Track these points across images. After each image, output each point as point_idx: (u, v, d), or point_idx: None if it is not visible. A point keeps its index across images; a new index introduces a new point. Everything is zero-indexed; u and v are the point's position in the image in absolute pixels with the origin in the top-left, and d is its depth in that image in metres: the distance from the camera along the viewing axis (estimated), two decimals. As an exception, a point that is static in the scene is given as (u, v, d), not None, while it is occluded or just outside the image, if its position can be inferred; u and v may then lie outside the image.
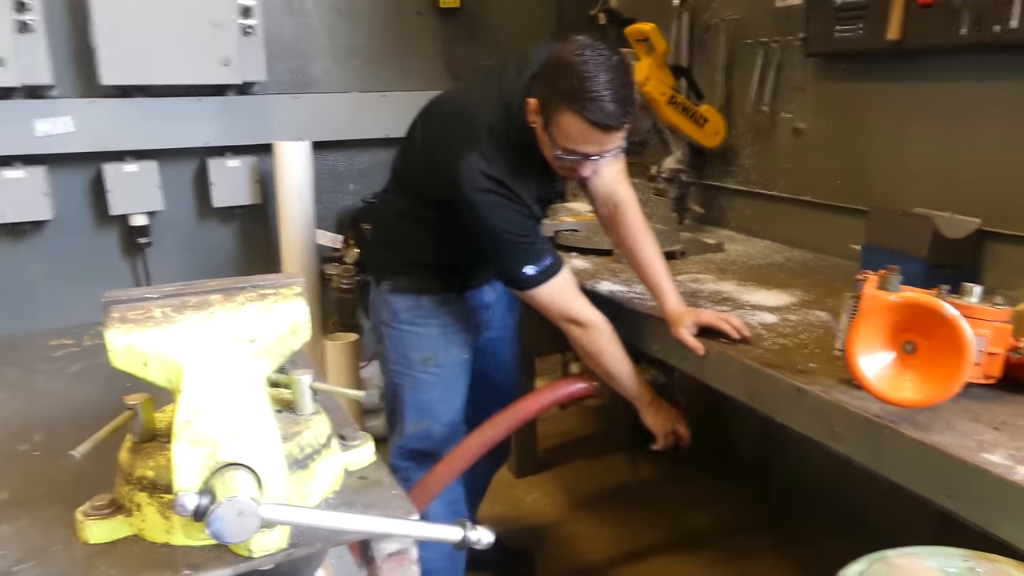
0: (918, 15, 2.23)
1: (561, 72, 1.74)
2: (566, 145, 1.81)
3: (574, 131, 1.76)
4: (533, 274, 1.93)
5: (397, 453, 2.28)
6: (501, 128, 1.91)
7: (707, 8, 3.20)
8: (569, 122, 1.76)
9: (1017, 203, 2.17)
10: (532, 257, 1.93)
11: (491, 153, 1.88)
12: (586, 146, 1.80)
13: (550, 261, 1.96)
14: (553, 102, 1.77)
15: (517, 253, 1.93)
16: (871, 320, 1.42)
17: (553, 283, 1.96)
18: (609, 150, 1.84)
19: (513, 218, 1.91)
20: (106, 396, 1.53)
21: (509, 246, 1.92)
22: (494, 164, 1.88)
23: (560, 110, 1.76)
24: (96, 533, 1.05)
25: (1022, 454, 1.29)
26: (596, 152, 1.83)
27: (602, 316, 2.03)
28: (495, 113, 1.93)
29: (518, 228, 1.92)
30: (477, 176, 1.86)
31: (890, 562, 1.18)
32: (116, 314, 1.03)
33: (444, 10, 3.69)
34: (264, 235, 3.63)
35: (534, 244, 1.95)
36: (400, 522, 1.08)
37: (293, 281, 1.13)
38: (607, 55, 1.74)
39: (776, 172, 2.99)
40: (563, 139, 1.80)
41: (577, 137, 1.78)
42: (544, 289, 1.96)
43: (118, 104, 3.14)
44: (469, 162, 1.86)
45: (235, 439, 1.00)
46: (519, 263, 1.93)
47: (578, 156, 1.84)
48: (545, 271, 1.95)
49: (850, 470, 1.59)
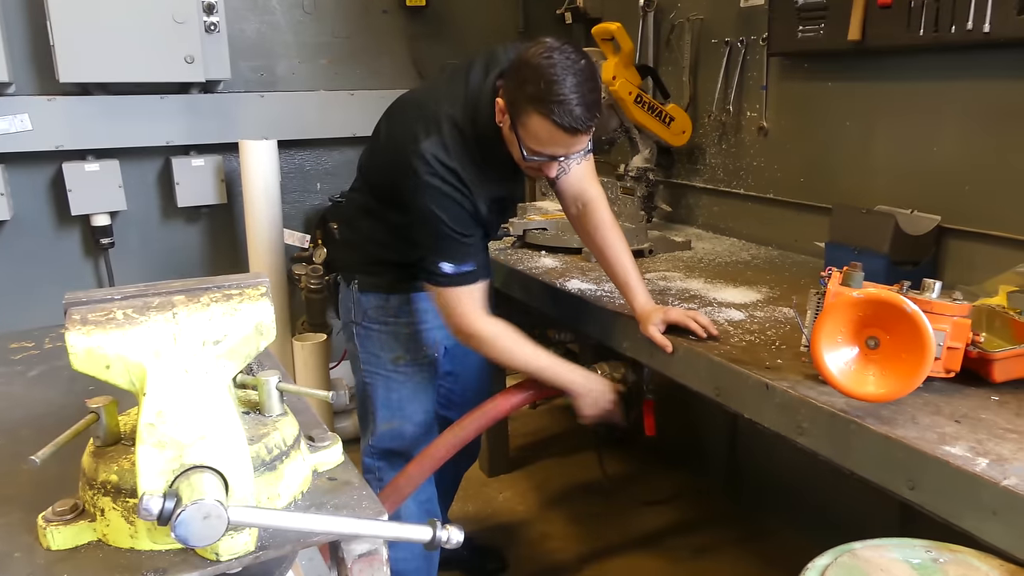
0: (878, 16, 2.27)
1: (528, 75, 1.74)
2: (533, 147, 1.81)
3: (542, 133, 1.77)
4: (449, 272, 1.92)
5: (369, 452, 2.28)
6: (465, 123, 1.91)
7: (672, 8, 3.23)
8: (537, 125, 1.76)
9: (974, 200, 2.22)
10: (456, 256, 1.92)
11: (451, 143, 1.88)
12: (553, 148, 1.81)
13: (471, 268, 1.94)
14: (520, 104, 1.77)
15: (443, 246, 1.91)
16: (835, 316, 1.44)
17: (462, 290, 1.95)
18: (576, 151, 1.86)
19: (455, 211, 1.89)
20: (67, 400, 1.51)
21: (439, 236, 1.91)
22: (452, 154, 1.88)
23: (528, 112, 1.76)
24: (58, 539, 1.03)
25: (982, 446, 1.32)
26: (563, 153, 1.84)
27: (495, 324, 2.01)
28: (459, 108, 1.93)
29: (456, 222, 1.90)
30: (432, 161, 1.86)
31: (856, 554, 1.20)
32: (77, 316, 1.01)
33: (411, 8, 3.68)
34: (230, 235, 3.59)
35: (464, 244, 1.93)
36: (370, 523, 1.08)
37: (258, 281, 1.12)
38: (574, 58, 1.74)
39: (742, 170, 3.03)
40: (530, 141, 1.81)
41: (544, 139, 1.78)
42: (451, 292, 1.95)
43: (77, 102, 3.09)
44: (427, 147, 1.87)
45: (201, 441, 0.98)
46: (441, 256, 1.92)
47: (544, 157, 1.84)
48: (461, 275, 1.93)
49: (815, 464, 1.62)
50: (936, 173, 2.31)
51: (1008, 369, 1.55)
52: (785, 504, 2.98)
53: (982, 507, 1.22)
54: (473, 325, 1.98)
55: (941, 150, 2.29)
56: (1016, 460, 1.27)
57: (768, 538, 2.94)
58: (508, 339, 2.02)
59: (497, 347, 2.01)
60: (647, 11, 3.27)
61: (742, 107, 2.97)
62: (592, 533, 3.03)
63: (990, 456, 1.28)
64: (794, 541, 2.88)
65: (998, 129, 2.14)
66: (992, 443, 1.33)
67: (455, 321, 1.99)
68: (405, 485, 2.10)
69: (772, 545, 2.90)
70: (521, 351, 2.04)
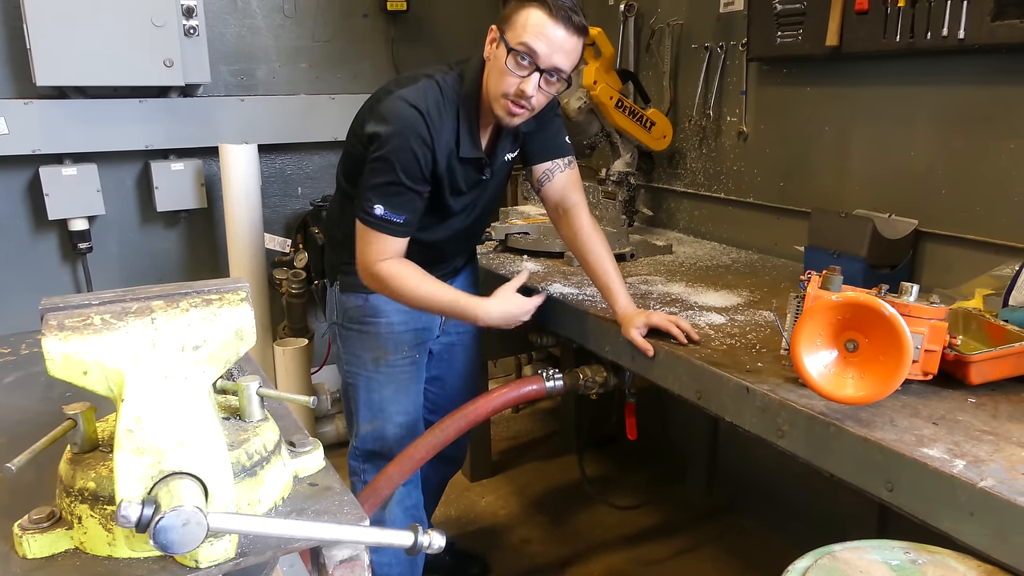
0: (855, 22, 2.30)
1: None
2: (521, 39, 1.82)
3: (532, 20, 1.81)
4: (378, 215, 1.90)
5: (353, 454, 2.27)
6: (446, 82, 1.94)
7: (653, 13, 3.25)
8: (527, 14, 1.81)
9: (950, 204, 2.25)
10: (390, 203, 1.90)
11: (424, 91, 1.90)
12: (538, 40, 1.81)
13: (399, 220, 1.91)
14: (511, 6, 1.84)
15: (383, 189, 1.89)
16: (814, 320, 1.45)
17: (383, 236, 1.92)
18: (557, 63, 1.84)
19: (407, 157, 1.87)
20: (44, 406, 1.49)
21: (383, 176, 1.88)
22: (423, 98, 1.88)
23: (518, 7, 1.83)
24: (35, 547, 1.02)
25: (959, 448, 1.34)
26: (546, 53, 1.82)
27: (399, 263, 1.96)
28: (443, 71, 1.96)
29: (405, 171, 1.88)
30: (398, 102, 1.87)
31: (836, 556, 1.21)
32: (54, 321, 1.00)
33: (391, 13, 3.67)
34: (211, 240, 3.57)
35: (404, 195, 1.91)
36: (351, 528, 1.07)
37: (238, 286, 1.11)
38: None
39: (722, 175, 3.05)
40: (519, 31, 1.82)
41: (533, 28, 1.81)
42: (372, 234, 1.92)
43: (55, 105, 3.05)
44: (397, 94, 1.89)
45: (180, 447, 0.98)
46: (376, 196, 1.89)
47: (527, 53, 1.82)
48: (388, 223, 1.91)
49: (795, 466, 1.63)
50: (913, 177, 2.34)
51: (984, 371, 1.57)
52: (765, 506, 3.00)
53: (959, 508, 1.24)
54: (377, 265, 1.95)
55: (918, 155, 2.32)
56: (993, 462, 1.29)
57: (748, 540, 2.96)
58: (410, 275, 1.96)
59: (399, 283, 1.95)
60: (627, 16, 3.29)
61: (722, 112, 2.99)
62: (573, 536, 3.03)
63: (967, 458, 1.30)
64: (774, 543, 2.90)
65: (973, 134, 2.17)
66: (969, 445, 1.35)
67: (364, 259, 1.96)
68: (385, 486, 2.09)
69: (752, 547, 2.92)
70: (424, 286, 1.97)
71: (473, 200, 2.12)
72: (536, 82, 1.86)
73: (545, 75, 1.85)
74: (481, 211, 2.20)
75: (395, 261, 1.96)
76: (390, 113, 1.88)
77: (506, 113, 1.92)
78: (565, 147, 2.18)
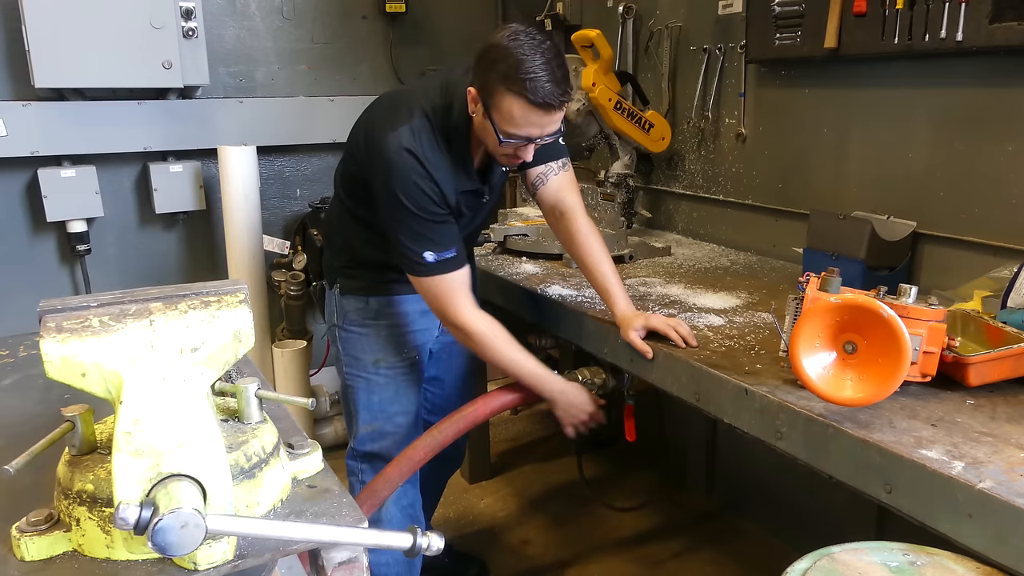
0: (853, 24, 2.30)
1: (497, 55, 1.75)
2: (508, 129, 1.81)
3: (516, 113, 1.77)
4: (431, 261, 1.91)
5: (352, 455, 2.28)
6: (437, 115, 1.92)
7: (651, 15, 3.25)
8: (510, 104, 1.77)
9: (948, 206, 2.25)
10: (435, 242, 1.91)
11: (418, 131, 1.89)
12: (528, 128, 1.81)
13: (452, 255, 1.93)
14: (492, 86, 1.78)
15: (421, 232, 1.90)
16: (813, 321, 1.46)
17: (447, 278, 1.94)
18: (550, 132, 1.85)
19: (420, 197, 1.88)
20: (42, 408, 1.49)
21: (415, 223, 1.89)
22: (419, 141, 1.88)
23: (500, 93, 1.77)
24: (33, 550, 1.02)
25: (958, 450, 1.34)
26: (537, 134, 1.83)
27: (488, 323, 2.01)
28: (433, 100, 1.93)
29: (425, 208, 1.89)
30: (397, 148, 1.86)
31: (835, 558, 1.21)
32: (52, 323, 1.00)
33: (390, 14, 3.67)
34: (209, 241, 3.57)
35: (440, 227, 1.92)
36: (350, 530, 1.07)
37: (237, 288, 1.11)
38: (540, 38, 1.77)
39: (720, 176, 3.05)
40: (504, 123, 1.81)
41: (519, 119, 1.79)
42: (437, 281, 1.94)
43: (53, 107, 3.05)
44: (394, 135, 1.87)
45: (178, 449, 0.97)
46: (420, 244, 1.90)
47: (520, 140, 1.84)
48: (443, 262, 1.92)
49: (794, 468, 1.63)
50: (911, 179, 2.34)
51: (983, 373, 1.57)
52: (764, 508, 3.00)
53: (958, 510, 1.24)
54: (464, 318, 1.97)
55: (916, 157, 2.32)
56: (991, 463, 1.29)
57: (747, 541, 2.96)
58: (499, 339, 2.01)
59: (488, 345, 2.00)
60: (626, 18, 3.29)
61: (720, 114, 3.00)
62: (572, 538, 3.03)
63: (966, 459, 1.30)
64: (772, 544, 2.90)
65: (971, 136, 2.17)
66: (968, 446, 1.35)
67: (445, 312, 1.98)
68: (383, 487, 2.09)
69: (751, 548, 2.91)
70: (510, 353, 2.04)
71: (472, 215, 2.15)
72: (531, 151, 1.90)
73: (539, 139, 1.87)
74: (480, 220, 2.24)
75: (483, 319, 1.99)
76: (392, 166, 1.87)
77: (507, 163, 1.98)
78: (559, 149, 2.18)
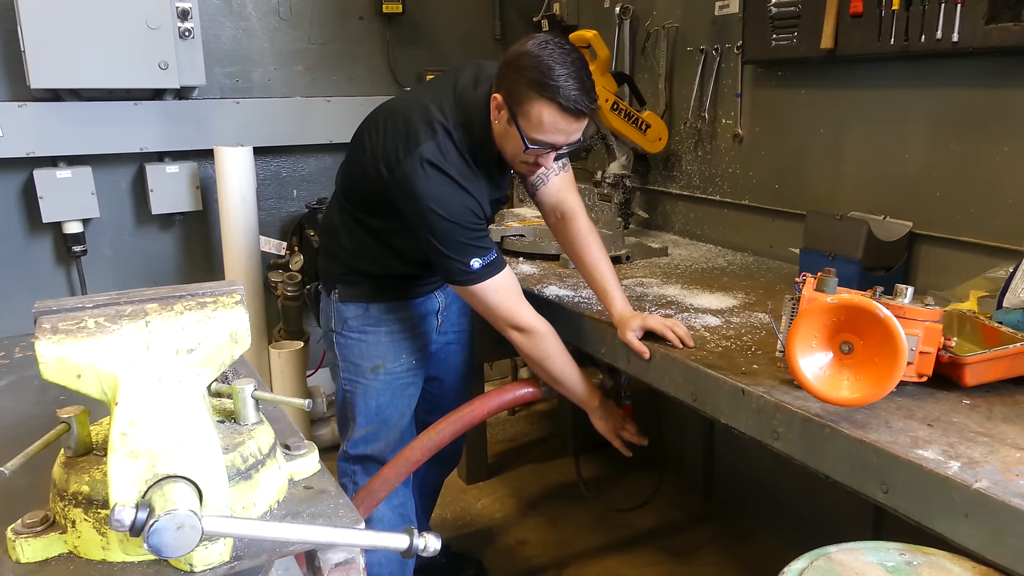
0: (850, 25, 2.30)
1: (527, 63, 1.78)
2: (535, 136, 1.83)
3: (546, 119, 1.79)
4: (479, 268, 1.92)
5: (344, 456, 2.27)
6: (457, 130, 1.92)
7: (648, 16, 3.25)
8: (540, 110, 1.79)
9: (944, 207, 2.25)
10: (479, 250, 1.92)
11: (445, 148, 1.89)
12: (555, 135, 1.83)
13: (495, 256, 1.95)
14: (522, 92, 1.80)
15: (463, 242, 1.90)
16: (809, 322, 1.46)
17: (497, 280, 1.95)
18: (573, 141, 1.88)
19: (461, 211, 1.88)
20: (37, 410, 1.48)
21: (459, 235, 1.89)
22: (448, 159, 1.88)
23: (529, 99, 1.79)
24: (28, 552, 1.01)
25: (954, 450, 1.34)
26: (563, 141, 1.86)
27: (545, 322, 2.03)
28: (450, 115, 1.93)
29: (467, 219, 1.89)
30: (431, 167, 1.86)
31: (832, 558, 1.21)
32: (47, 324, 0.99)
33: (387, 15, 3.67)
34: (206, 242, 3.56)
35: (481, 235, 1.94)
36: (346, 531, 1.07)
37: (233, 289, 1.11)
38: (568, 48, 1.81)
39: (717, 177, 3.05)
40: (533, 130, 1.82)
41: (548, 125, 1.80)
42: (488, 285, 1.94)
43: (49, 108, 3.05)
44: (422, 153, 1.86)
45: (174, 451, 0.97)
46: (465, 254, 1.91)
47: (546, 147, 1.86)
48: (490, 264, 1.93)
49: (790, 468, 1.63)
50: (907, 180, 2.34)
51: (979, 373, 1.57)
52: (760, 508, 3.00)
53: (954, 510, 1.24)
54: (527, 318, 2.00)
55: (912, 157, 2.33)
56: (987, 463, 1.29)
57: (744, 541, 2.96)
58: (554, 342, 2.05)
59: (547, 344, 2.04)
60: (623, 19, 3.29)
61: (717, 114, 3.00)
62: (570, 538, 3.03)
63: (962, 459, 1.30)
64: (770, 544, 2.90)
65: (967, 137, 2.17)
66: (964, 446, 1.35)
67: (504, 315, 1.99)
68: (380, 488, 2.09)
69: (748, 548, 2.91)
70: (564, 354, 2.08)
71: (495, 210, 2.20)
72: (552, 157, 1.93)
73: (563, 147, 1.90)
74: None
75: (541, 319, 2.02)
76: (423, 184, 1.86)
77: (525, 171, 2.02)
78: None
